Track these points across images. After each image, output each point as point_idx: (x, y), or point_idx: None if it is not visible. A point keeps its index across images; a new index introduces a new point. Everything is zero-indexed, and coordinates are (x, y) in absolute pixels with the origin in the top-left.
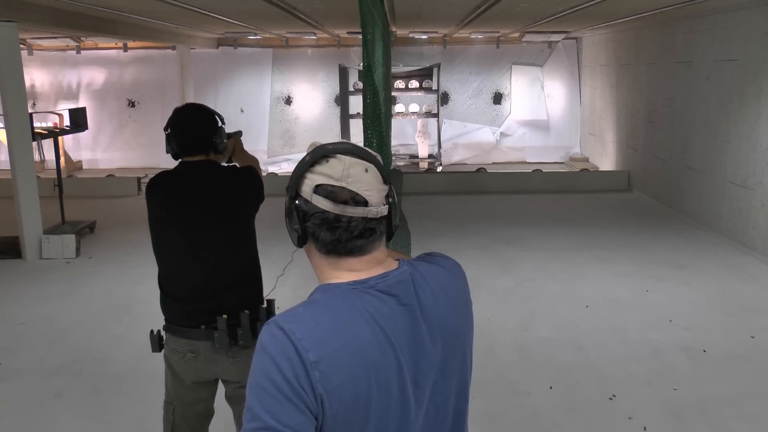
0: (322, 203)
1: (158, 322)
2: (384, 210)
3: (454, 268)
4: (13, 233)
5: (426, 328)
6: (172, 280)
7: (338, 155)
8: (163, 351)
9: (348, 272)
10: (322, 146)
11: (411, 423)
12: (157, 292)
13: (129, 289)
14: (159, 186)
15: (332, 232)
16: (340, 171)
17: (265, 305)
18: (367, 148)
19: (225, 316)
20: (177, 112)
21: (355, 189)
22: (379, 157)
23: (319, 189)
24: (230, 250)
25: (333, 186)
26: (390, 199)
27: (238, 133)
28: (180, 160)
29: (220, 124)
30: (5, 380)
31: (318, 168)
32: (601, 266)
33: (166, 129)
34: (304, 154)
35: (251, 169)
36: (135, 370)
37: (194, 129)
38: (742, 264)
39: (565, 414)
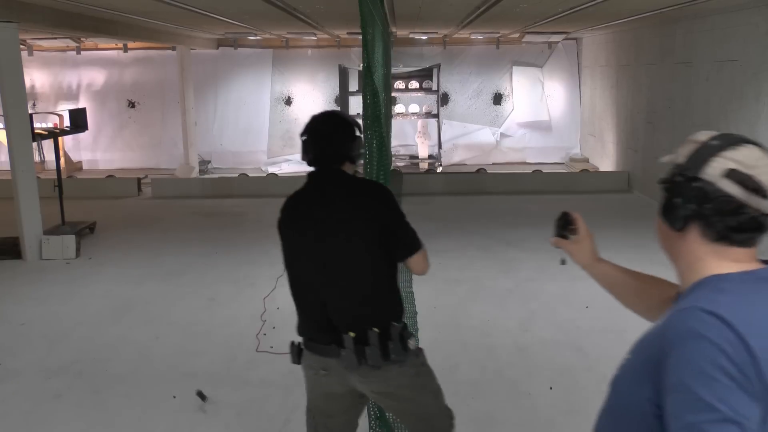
0: (731, 188)
1: (158, 323)
2: None
3: None
4: (13, 234)
5: None
6: (301, 293)
7: (749, 145)
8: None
9: (733, 263)
10: (732, 134)
11: None
12: (157, 292)
13: (129, 290)
14: (290, 199)
15: (735, 218)
16: (753, 161)
17: (400, 324)
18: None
19: (352, 334)
20: (313, 120)
21: (765, 180)
22: None
23: (732, 173)
24: (359, 265)
25: (745, 173)
26: None
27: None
28: (313, 168)
29: (357, 133)
30: (5, 381)
31: (729, 153)
32: None
33: (302, 135)
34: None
35: (390, 193)
36: (135, 371)
37: (328, 139)
38: None
39: (565, 414)
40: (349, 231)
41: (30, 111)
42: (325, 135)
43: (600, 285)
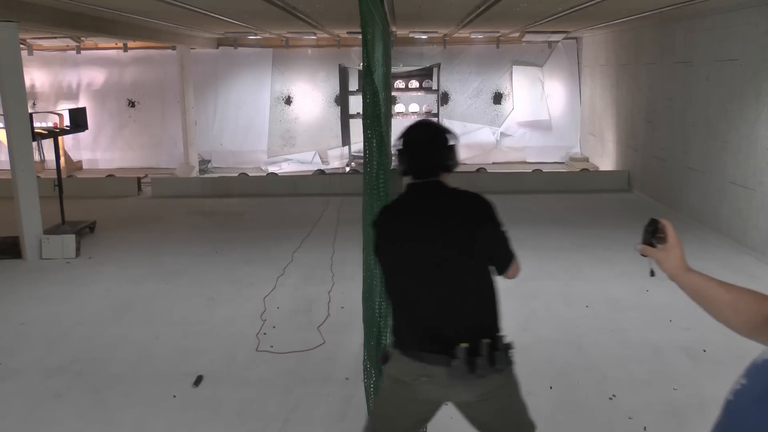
0: None
1: (158, 322)
2: None
3: None
4: (13, 233)
5: None
6: (407, 304)
7: None
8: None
9: None
10: None
11: None
12: (157, 292)
13: (129, 289)
14: (389, 210)
15: None
16: None
17: (502, 335)
18: None
19: (465, 345)
20: (409, 130)
21: None
22: None
23: None
24: (471, 277)
25: None
26: None
27: None
28: (408, 177)
29: (451, 141)
30: (5, 380)
31: None
32: (601, 266)
33: (396, 145)
34: (305, 154)
35: (492, 206)
36: (135, 371)
37: (424, 149)
38: (743, 264)
39: (565, 414)
40: (459, 243)
41: (30, 110)
42: (421, 145)
43: (690, 298)
